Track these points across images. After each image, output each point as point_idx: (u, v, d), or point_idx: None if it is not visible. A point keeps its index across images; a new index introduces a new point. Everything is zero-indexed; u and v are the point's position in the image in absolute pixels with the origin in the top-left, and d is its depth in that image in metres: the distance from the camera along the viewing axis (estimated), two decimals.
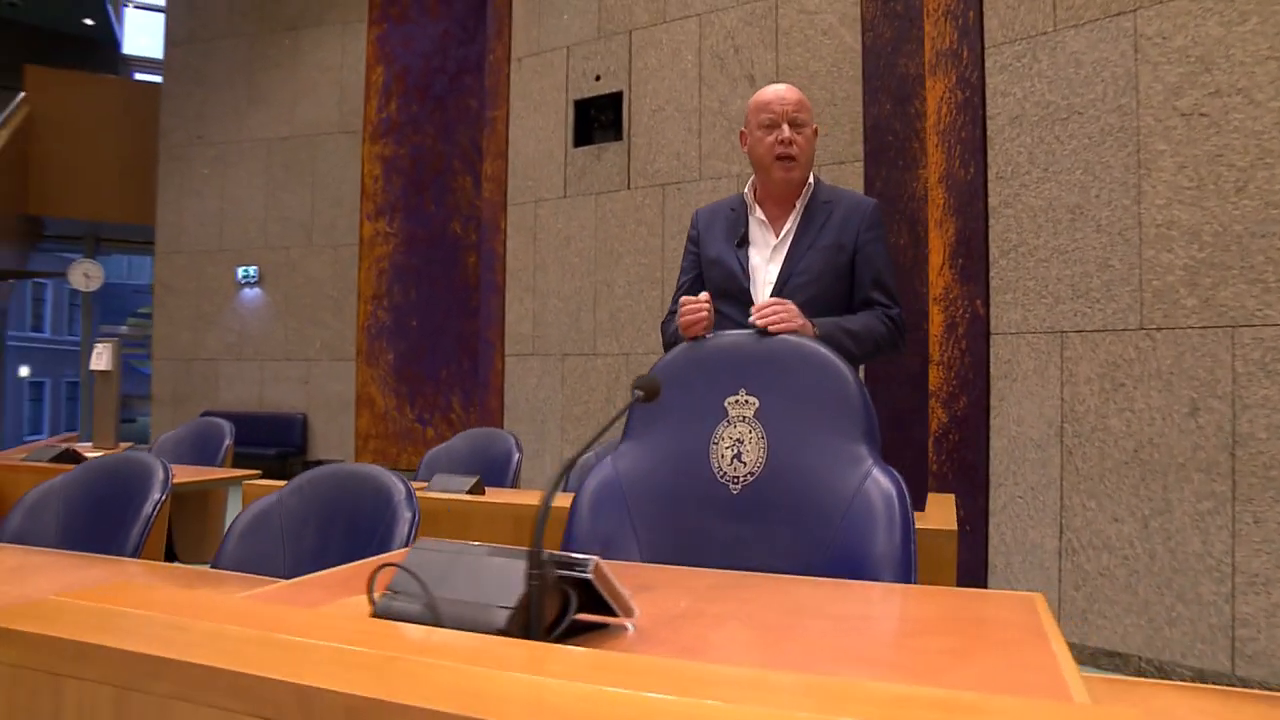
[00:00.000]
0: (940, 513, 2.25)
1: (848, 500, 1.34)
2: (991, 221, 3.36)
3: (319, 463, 8.91)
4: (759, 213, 1.83)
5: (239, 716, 0.67)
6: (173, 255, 9.25)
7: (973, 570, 3.42)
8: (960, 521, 3.47)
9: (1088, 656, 3.20)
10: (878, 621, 1.01)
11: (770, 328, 1.48)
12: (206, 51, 9.13)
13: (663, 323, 1.90)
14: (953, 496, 2.60)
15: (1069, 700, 0.75)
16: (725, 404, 1.46)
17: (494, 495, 2.79)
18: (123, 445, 4.69)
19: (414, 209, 8.72)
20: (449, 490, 2.68)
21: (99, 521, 1.95)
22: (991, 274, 3.36)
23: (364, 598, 0.89)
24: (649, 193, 6.01)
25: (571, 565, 0.89)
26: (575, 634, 0.94)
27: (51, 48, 13.16)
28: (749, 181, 1.89)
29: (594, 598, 0.93)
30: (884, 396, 4.89)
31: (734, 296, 1.78)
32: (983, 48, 3.40)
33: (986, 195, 3.39)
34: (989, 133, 3.38)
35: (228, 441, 3.89)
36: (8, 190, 10.06)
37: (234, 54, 9.03)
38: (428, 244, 8.72)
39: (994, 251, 3.35)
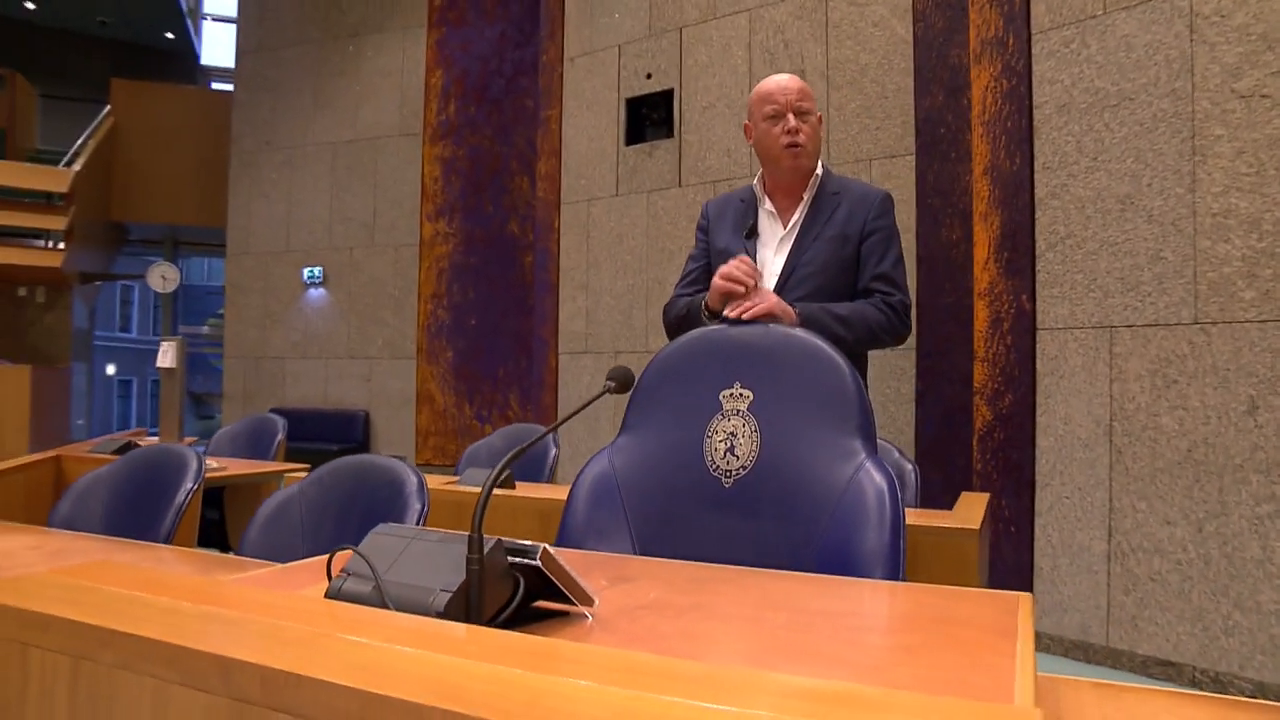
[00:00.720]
0: (967, 511, 2.20)
1: (838, 495, 1.32)
2: (1038, 214, 3.26)
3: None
4: (768, 204, 1.82)
5: (171, 685, 0.70)
6: (242, 257, 9.59)
7: (1018, 571, 3.33)
8: (1005, 521, 3.38)
9: (1138, 665, 3.08)
10: (843, 617, 0.99)
11: (742, 316, 1.47)
12: (274, 60, 9.44)
13: (665, 305, 1.90)
14: (986, 495, 2.53)
15: (1009, 701, 0.73)
16: (720, 397, 1.45)
17: (524, 490, 2.82)
18: (187, 439, 4.88)
19: (472, 209, 8.87)
20: (476, 484, 2.72)
21: (138, 508, 2.04)
22: (1038, 267, 3.25)
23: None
24: (700, 190, 6.00)
25: (522, 553, 0.90)
26: (534, 621, 0.95)
27: (136, 61, 13.77)
28: (758, 173, 1.87)
29: (557, 586, 0.94)
30: (935, 394, 4.79)
31: (746, 258, 1.76)
32: (1029, 34, 3.30)
33: (1033, 187, 3.28)
34: (1035, 122, 3.28)
35: (280, 436, 4.02)
36: (94, 198, 10.57)
37: (300, 61, 9.31)
38: (485, 243, 8.86)
39: (1040, 244, 3.25)
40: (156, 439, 4.68)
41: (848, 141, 5.16)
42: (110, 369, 17.53)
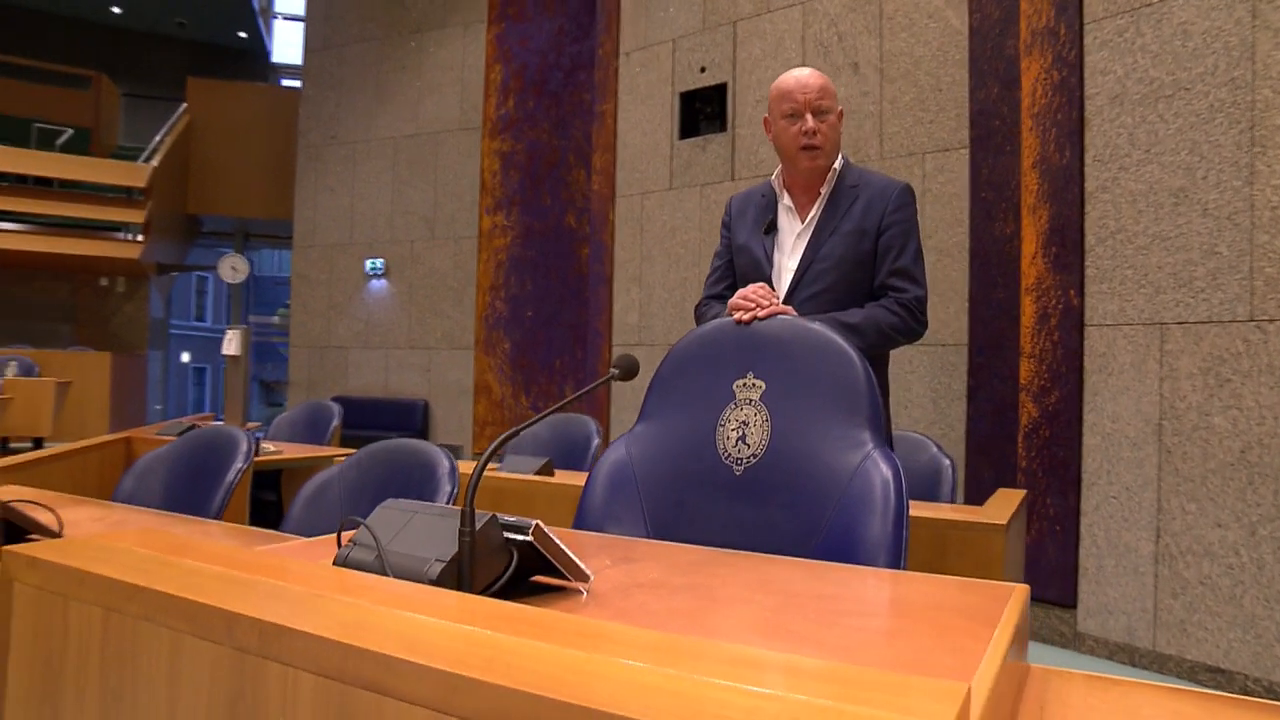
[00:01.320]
0: (997, 507, 2.19)
1: (844, 484, 1.34)
2: (1088, 208, 3.19)
3: (446, 448, 9.33)
4: (786, 199, 1.83)
5: (184, 635, 0.77)
6: (308, 249, 9.88)
7: (1062, 571, 3.28)
8: (1050, 520, 3.33)
9: (1186, 671, 3.01)
10: (831, 601, 1.02)
11: (739, 320, 1.50)
12: (339, 57, 9.69)
13: (696, 306, 1.93)
14: (1023, 493, 2.51)
15: (966, 681, 0.75)
16: (734, 387, 1.48)
17: (563, 477, 2.89)
18: (251, 424, 5.08)
19: (530, 202, 8.99)
20: (517, 470, 2.79)
21: (193, 486, 2.16)
22: (1087, 262, 3.19)
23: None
24: (753, 184, 5.98)
25: (516, 528, 0.95)
26: (530, 594, 1.01)
27: (211, 60, 14.28)
28: (778, 168, 1.88)
29: (554, 563, 0.99)
30: (987, 391, 4.72)
31: (765, 284, 1.78)
32: (1081, 24, 3.23)
33: (1083, 180, 3.22)
34: (1087, 114, 3.21)
35: (335, 423, 4.17)
36: (171, 192, 11.02)
37: (364, 58, 9.55)
38: (543, 236, 8.97)
39: (1090, 239, 3.18)
40: (221, 423, 4.90)
41: (901, 135, 5.11)
42: (185, 356, 18.25)
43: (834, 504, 1.35)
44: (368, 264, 9.54)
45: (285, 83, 13.66)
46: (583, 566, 1.01)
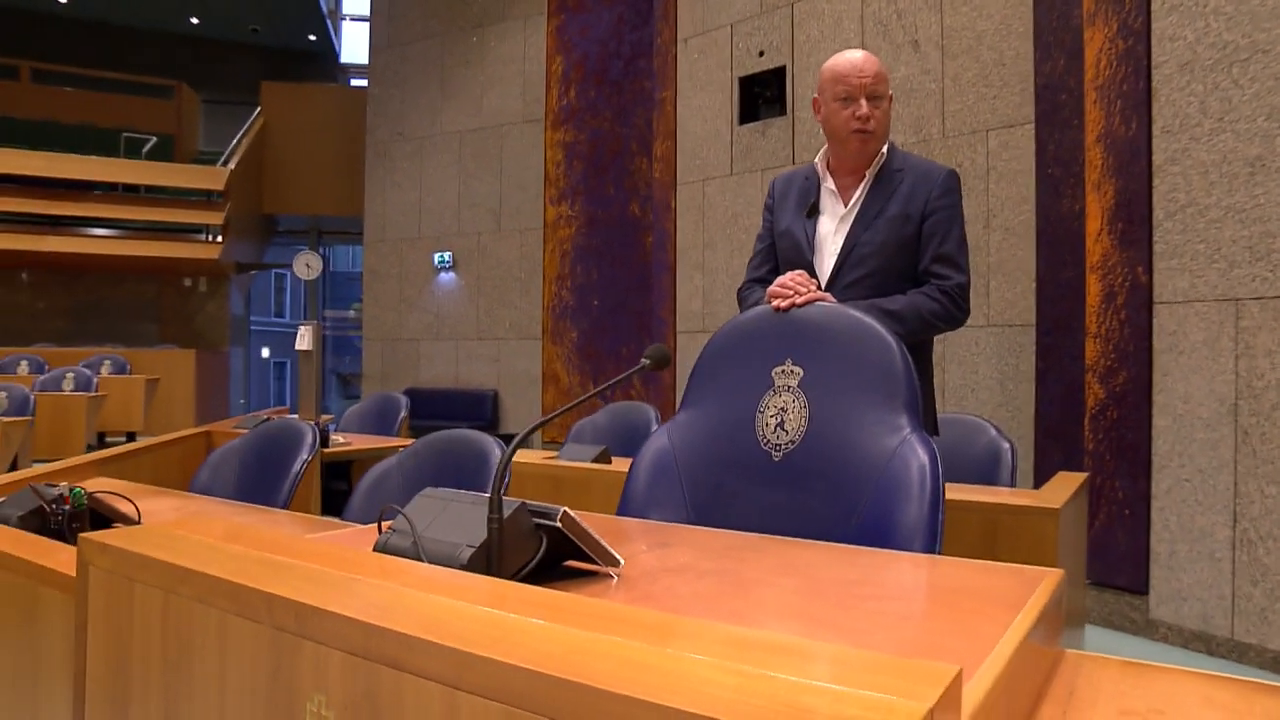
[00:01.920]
0: (1053, 491, 2.14)
1: (880, 469, 1.35)
2: (1156, 181, 3.07)
3: (508, 437, 9.52)
4: (830, 182, 1.82)
5: (230, 616, 0.83)
6: (378, 244, 10.14)
7: (1132, 557, 3.19)
8: (1119, 504, 3.24)
9: (1269, 661, 2.90)
10: (856, 585, 1.03)
11: (776, 308, 1.50)
12: (403, 55, 9.89)
13: (739, 290, 1.93)
14: (1083, 476, 2.44)
15: (977, 665, 0.76)
16: (773, 373, 1.50)
17: (620, 464, 2.93)
18: (324, 417, 5.27)
19: (594, 192, 9.04)
20: (574, 459, 2.85)
21: (262, 477, 2.27)
22: (1155, 238, 3.07)
23: None
24: None
25: (545, 515, 0.99)
26: (563, 578, 1.04)
27: (284, 64, 14.75)
28: (821, 150, 1.87)
29: (586, 548, 1.03)
30: (1056, 372, 4.59)
31: (799, 268, 1.78)
32: None
33: (1150, 152, 3.10)
34: (1154, 84, 3.09)
35: (403, 414, 4.29)
36: (247, 193, 11.45)
37: (427, 54, 9.73)
38: (607, 225, 9.02)
39: (1158, 214, 3.07)
40: (295, 417, 5.09)
41: (964, 112, 4.99)
42: (265, 352, 18.95)
43: (870, 489, 1.35)
44: (436, 257, 9.74)
45: (354, 82, 14.00)
46: (612, 552, 1.04)
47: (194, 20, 14.23)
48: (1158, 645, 3.17)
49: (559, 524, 0.97)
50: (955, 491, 2.23)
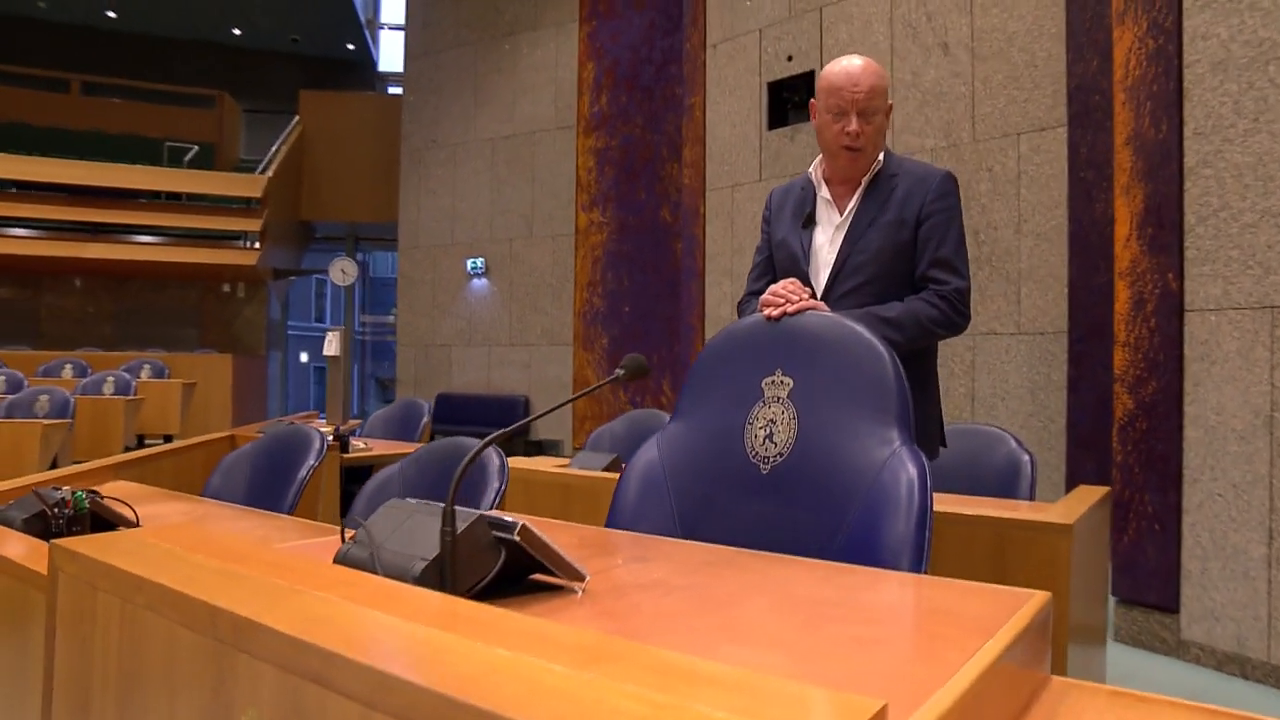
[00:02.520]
0: (1068, 505, 2.07)
1: (868, 484, 1.31)
2: (1187, 185, 2.98)
3: (539, 444, 9.56)
4: (825, 191, 1.78)
5: (177, 626, 0.83)
6: (412, 250, 10.24)
7: (1162, 573, 3.08)
8: (1148, 519, 3.14)
9: None
10: (825, 606, 1.00)
11: (768, 317, 1.47)
12: (438, 62, 9.99)
13: (739, 303, 1.91)
14: (1105, 490, 2.37)
15: (928, 695, 0.72)
16: (763, 384, 1.47)
17: None
18: (352, 421, 5.32)
19: (625, 198, 9.05)
20: (586, 467, 2.83)
21: (270, 482, 2.29)
22: (1186, 244, 2.98)
23: None
24: None
25: (504, 527, 0.97)
26: (527, 592, 1.03)
27: (323, 73, 15.00)
28: (817, 159, 1.84)
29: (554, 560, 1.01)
30: (1089, 381, 4.48)
31: (796, 279, 1.75)
32: None
33: (1181, 155, 3.00)
34: (1185, 84, 2.99)
35: (425, 419, 4.32)
36: (286, 200, 11.65)
37: (461, 62, 9.81)
38: (638, 231, 9.02)
39: (1190, 218, 2.97)
40: (323, 421, 5.15)
41: (994, 116, 4.90)
42: (304, 356, 19.26)
43: (857, 504, 1.31)
44: (469, 263, 9.81)
45: (391, 90, 14.19)
46: (577, 566, 1.02)
47: (236, 31, 14.55)
48: (1190, 667, 3.07)
49: (517, 537, 0.95)
50: (964, 505, 2.17)
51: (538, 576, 1.05)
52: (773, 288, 1.53)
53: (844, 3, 5.78)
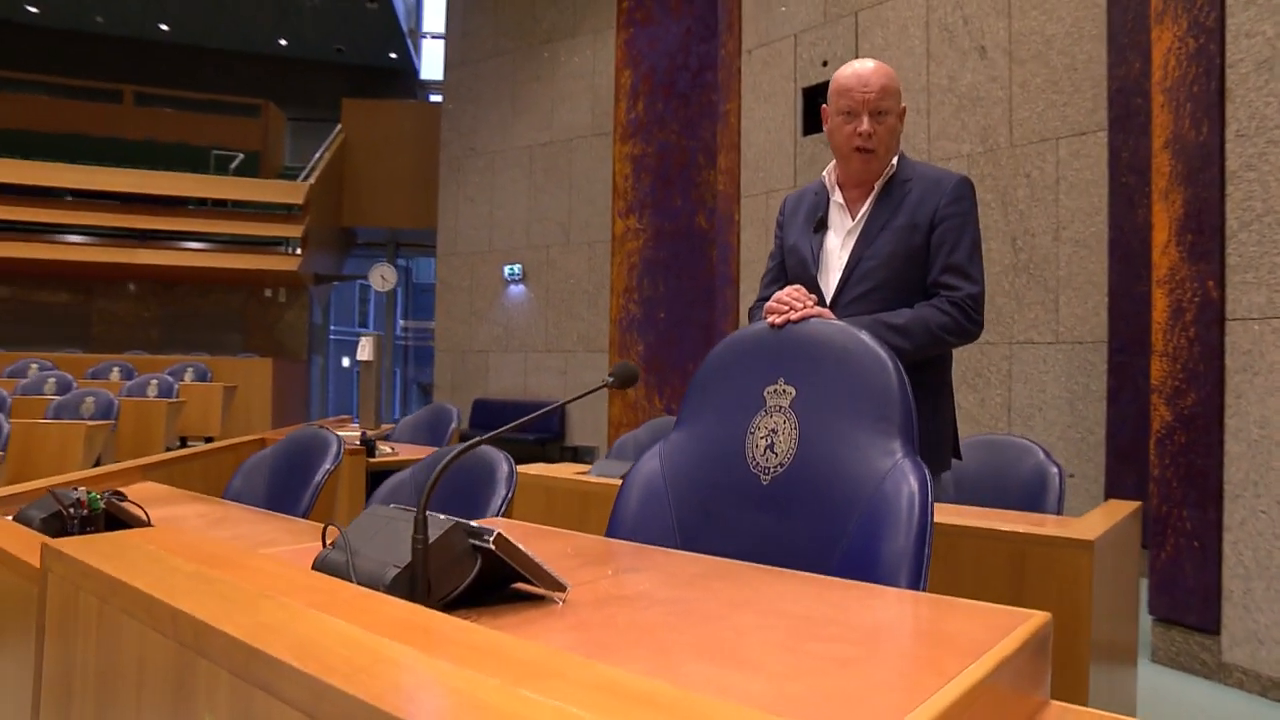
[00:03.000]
0: (1092, 521, 2.01)
1: (868, 496, 1.28)
2: (1229, 189, 2.88)
3: (574, 450, 9.59)
4: (838, 196, 1.74)
5: (147, 629, 0.83)
6: (450, 256, 10.34)
7: (1201, 593, 2.98)
8: (1186, 536, 3.03)
9: None
10: (809, 623, 0.97)
11: (772, 324, 1.44)
12: (476, 71, 10.09)
13: (750, 309, 1.88)
14: (1136, 504, 2.29)
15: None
16: (765, 393, 1.44)
17: None
18: (384, 426, 5.37)
19: (661, 204, 9.03)
20: (605, 475, 2.82)
21: (288, 485, 2.31)
22: (1228, 250, 2.87)
23: None
24: None
25: (481, 536, 0.96)
26: (506, 602, 1.01)
27: (366, 81, 15.27)
28: (831, 164, 1.80)
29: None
30: (1130, 392, 4.36)
31: (806, 285, 1.72)
32: None
33: (1223, 158, 2.90)
34: (1228, 84, 2.89)
35: (453, 425, 4.35)
36: (327, 207, 11.85)
37: (499, 71, 9.90)
38: (674, 238, 9.00)
39: (1232, 224, 2.87)
40: (356, 425, 5.21)
41: (1032, 120, 4.79)
42: (345, 361, 19.58)
43: (857, 516, 1.28)
44: (506, 270, 9.87)
45: (433, 98, 14.37)
46: (557, 576, 1.01)
47: (282, 42, 14.87)
48: (1231, 691, 2.95)
49: (492, 546, 0.94)
50: (983, 519, 2.11)
51: (520, 586, 1.04)
52: (777, 295, 1.51)
53: (879, 7, 5.72)
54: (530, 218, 9.91)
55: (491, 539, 0.95)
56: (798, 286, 1.53)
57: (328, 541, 1.03)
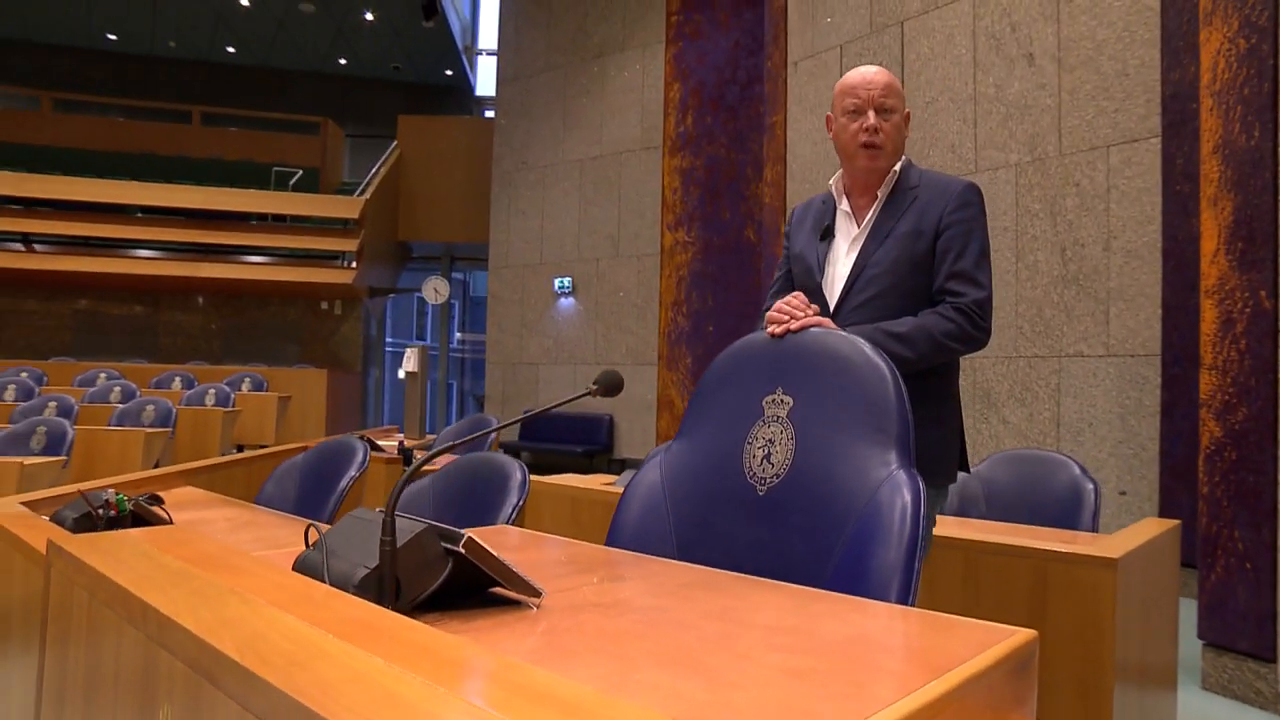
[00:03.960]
0: (1121, 538, 1.94)
1: (861, 508, 1.26)
2: None
3: (624, 462, 9.59)
4: (845, 203, 1.72)
5: (121, 622, 0.86)
6: (502, 270, 10.47)
7: (1254, 617, 2.85)
8: (1238, 557, 2.91)
9: None
10: (779, 634, 0.95)
11: (772, 333, 1.43)
12: (528, 86, 10.24)
13: (759, 320, 1.86)
14: (1174, 523, 2.21)
15: None
16: (763, 403, 1.43)
17: None
18: (428, 436, 5.45)
19: (710, 217, 9.04)
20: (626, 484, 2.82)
21: (315, 491, 2.37)
22: None
23: None
24: None
25: (450, 539, 0.97)
26: (481, 606, 1.02)
27: (422, 98, 15.62)
28: (837, 173, 1.78)
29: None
30: (1185, 406, 4.20)
31: (811, 293, 1.70)
32: None
33: (1275, 164, 2.79)
34: None
35: (492, 435, 4.39)
36: (382, 221, 12.13)
37: (551, 86, 10.02)
38: (723, 251, 9.00)
39: None
40: (402, 435, 5.31)
41: (1081, 128, 4.68)
42: (401, 373, 20.02)
43: (850, 528, 1.26)
44: (556, 283, 9.96)
45: (488, 114, 14.63)
46: (531, 582, 1.01)
47: (342, 61, 15.30)
48: None
49: (462, 550, 0.95)
50: (1006, 534, 2.06)
51: (499, 590, 1.05)
52: (777, 303, 1.50)
53: (926, 16, 5.65)
54: (580, 231, 9.99)
55: (462, 543, 0.96)
56: (798, 294, 1.51)
57: (309, 542, 1.06)
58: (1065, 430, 4.65)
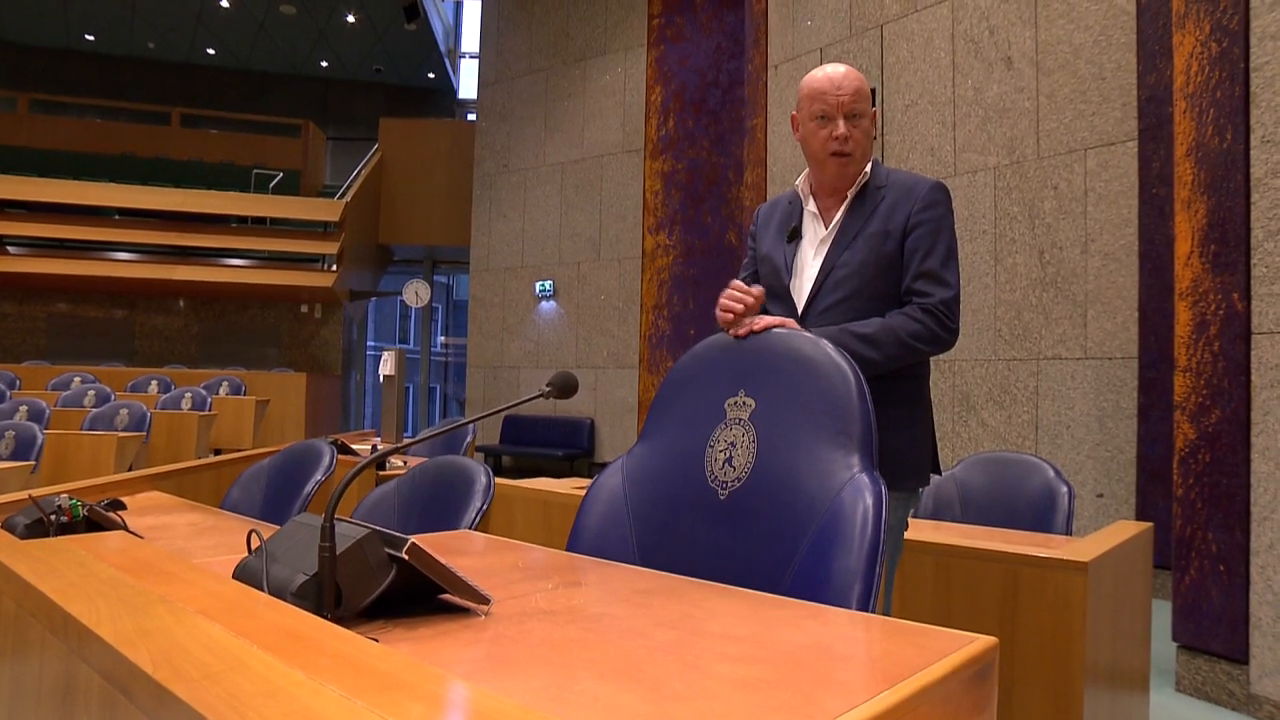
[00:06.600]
0: (1092, 542, 1.93)
1: (822, 512, 1.24)
2: (1254, 198, 2.78)
3: (604, 465, 9.55)
4: (812, 205, 1.70)
5: (45, 632, 0.83)
6: (483, 273, 10.42)
7: (1228, 620, 2.85)
8: (1212, 559, 2.91)
9: None
10: (730, 643, 0.93)
11: (734, 334, 1.42)
12: (509, 89, 10.20)
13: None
14: (1146, 525, 2.20)
15: None
16: (725, 405, 1.41)
17: None
18: (406, 440, 5.40)
19: (692, 221, 9.03)
20: None
21: (281, 496, 2.33)
22: (1254, 261, 2.77)
23: None
24: None
25: (395, 545, 0.94)
26: (430, 613, 0.99)
27: (404, 101, 15.55)
28: (804, 172, 1.77)
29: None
30: (1162, 409, 4.22)
31: (779, 295, 1.68)
32: None
33: (1248, 166, 2.80)
34: (1253, 89, 2.80)
35: (469, 439, 4.36)
36: (364, 224, 12.05)
37: (532, 89, 9.99)
38: (704, 254, 8.99)
39: (1257, 234, 2.76)
40: (379, 439, 5.25)
41: (1059, 132, 4.69)
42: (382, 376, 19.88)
43: (811, 533, 1.24)
44: (538, 286, 9.91)
45: (470, 117, 14.57)
46: (478, 589, 0.99)
47: (323, 64, 15.21)
48: None
49: (405, 556, 0.92)
50: (976, 538, 2.05)
51: (448, 598, 1.02)
52: (721, 299, 1.48)
53: (905, 20, 5.66)
54: (562, 234, 9.95)
55: (404, 549, 0.93)
56: (736, 283, 1.50)
57: (252, 548, 1.03)
58: (1043, 433, 4.66)
